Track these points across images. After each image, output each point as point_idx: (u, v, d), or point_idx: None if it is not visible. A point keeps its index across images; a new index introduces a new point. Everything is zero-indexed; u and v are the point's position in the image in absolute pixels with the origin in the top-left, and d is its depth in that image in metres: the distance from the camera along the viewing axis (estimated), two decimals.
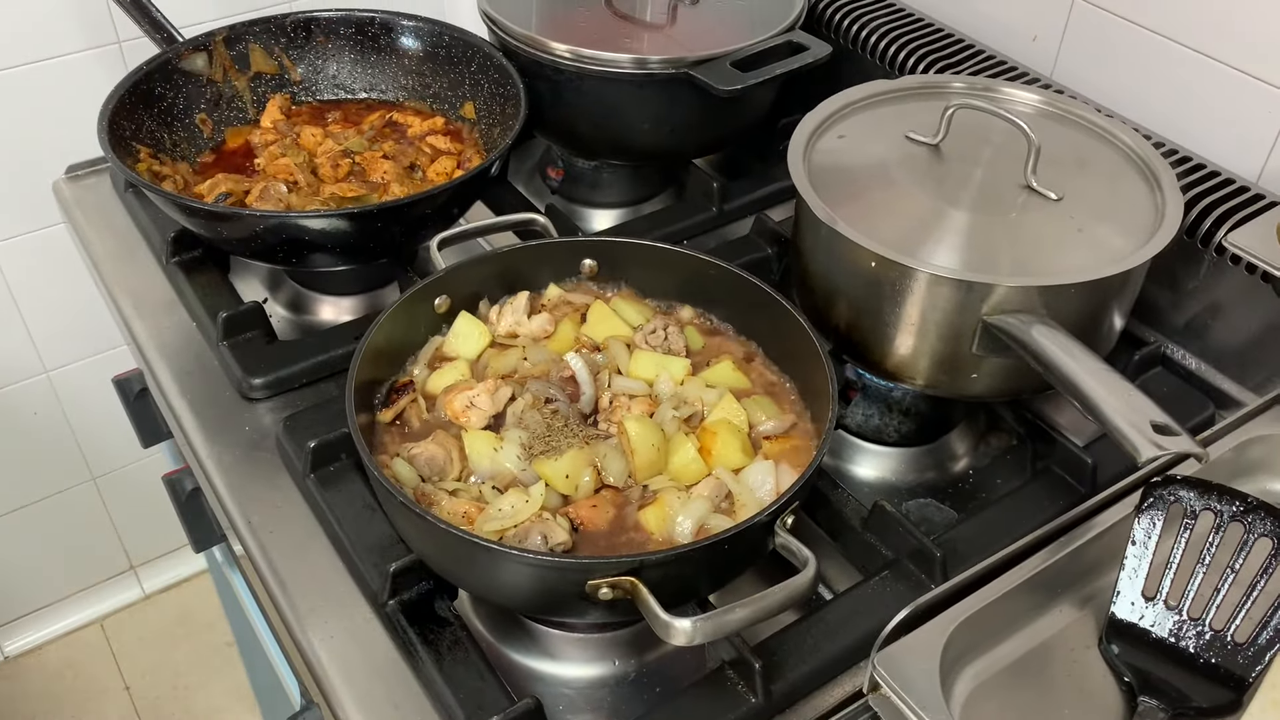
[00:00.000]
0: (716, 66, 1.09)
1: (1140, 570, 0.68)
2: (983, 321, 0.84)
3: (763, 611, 0.68)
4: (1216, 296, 1.00)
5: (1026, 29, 1.18)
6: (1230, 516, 0.68)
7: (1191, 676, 0.66)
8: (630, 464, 0.81)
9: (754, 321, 0.93)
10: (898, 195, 0.92)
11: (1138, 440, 0.65)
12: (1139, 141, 0.96)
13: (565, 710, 0.83)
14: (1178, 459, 0.70)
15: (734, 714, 0.75)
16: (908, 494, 1.00)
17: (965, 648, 0.66)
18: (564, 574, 0.70)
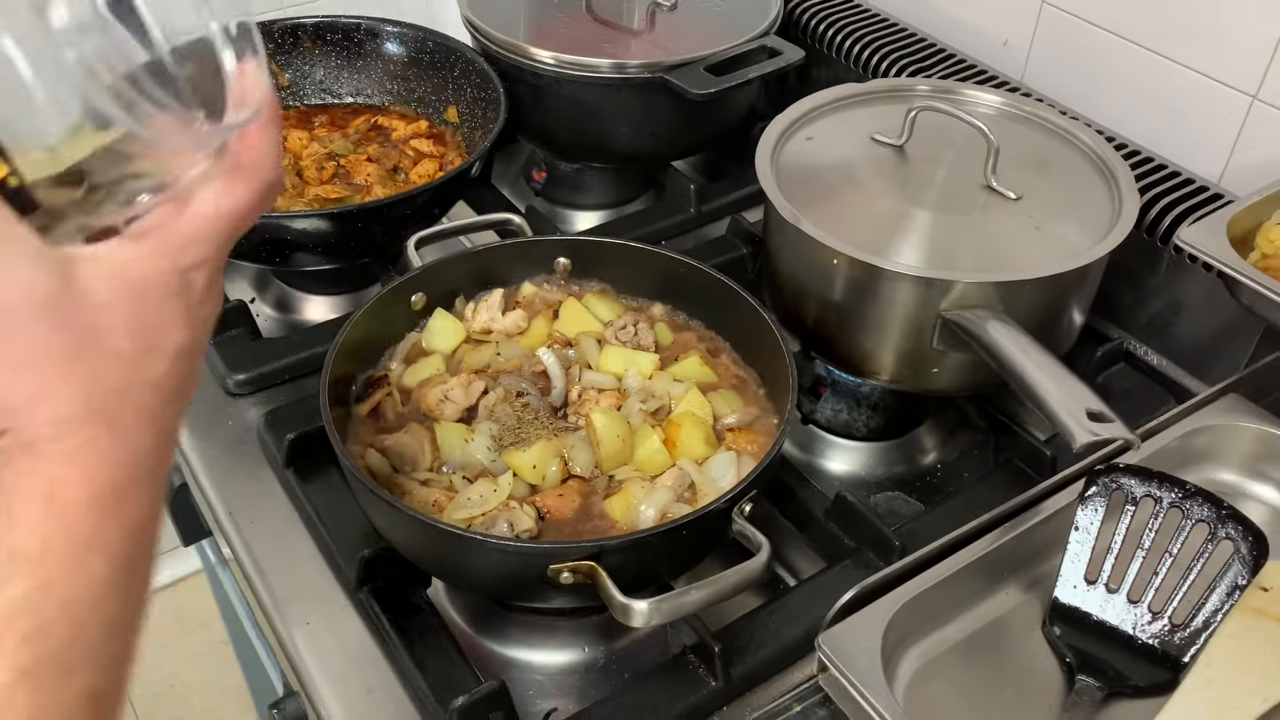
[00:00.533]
0: (691, 71, 1.12)
1: (1082, 555, 0.70)
2: (941, 317, 0.86)
3: (717, 594, 0.71)
4: (1176, 294, 1.03)
5: (998, 33, 1.21)
6: (1170, 503, 0.70)
7: (1130, 657, 0.68)
8: (596, 455, 0.83)
9: (722, 317, 0.96)
10: (862, 195, 0.95)
11: (1073, 427, 0.67)
12: (1098, 142, 0.98)
13: (535, 695, 0.85)
14: (1120, 449, 0.72)
15: (694, 697, 0.78)
16: (876, 487, 1.02)
17: (911, 628, 0.68)
18: (526, 559, 0.73)
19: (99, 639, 0.44)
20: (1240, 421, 0.79)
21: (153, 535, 0.48)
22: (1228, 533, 0.68)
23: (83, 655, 0.43)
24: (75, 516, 0.44)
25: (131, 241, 0.46)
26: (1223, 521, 0.69)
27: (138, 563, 0.46)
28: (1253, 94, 1.00)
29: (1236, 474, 0.80)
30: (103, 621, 0.44)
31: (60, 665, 0.42)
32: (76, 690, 0.43)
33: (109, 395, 0.44)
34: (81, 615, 0.43)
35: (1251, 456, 0.79)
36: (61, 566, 0.43)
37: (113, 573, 0.44)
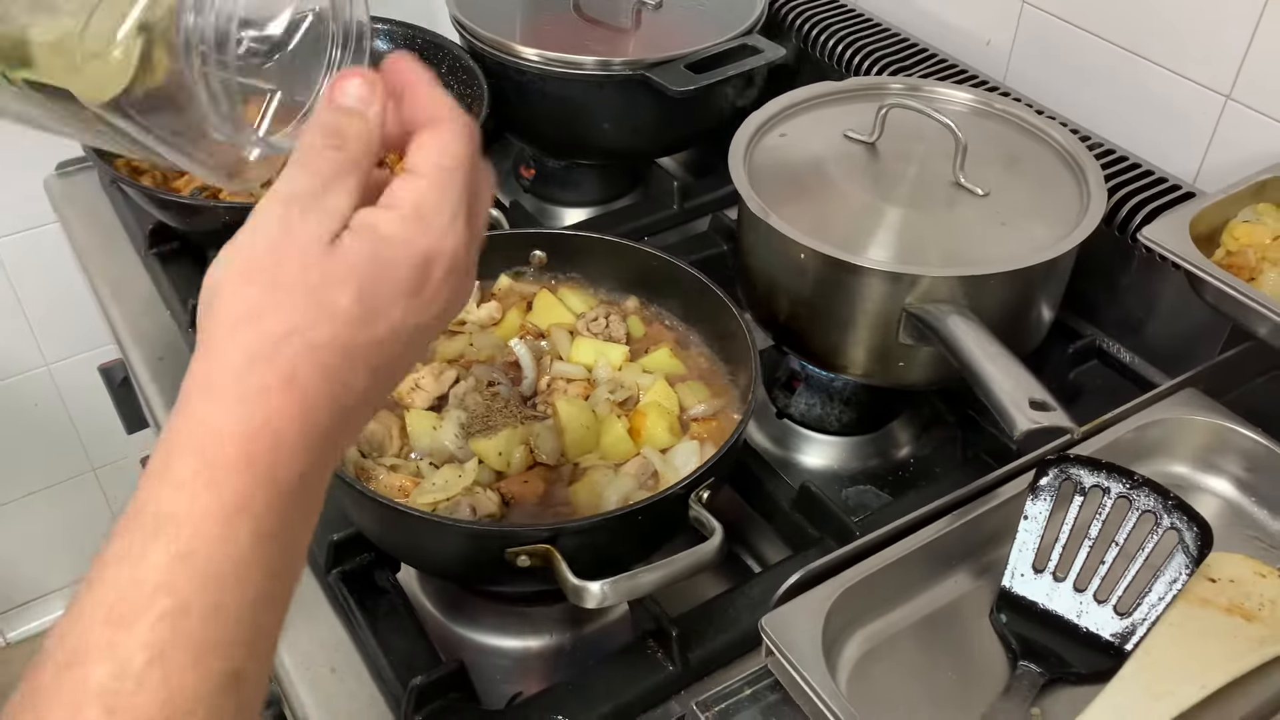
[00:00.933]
0: (672, 68, 1.14)
1: (1030, 543, 0.71)
2: (905, 311, 0.87)
3: (669, 575, 0.72)
4: (1149, 292, 1.03)
5: (981, 34, 1.22)
6: (1117, 493, 0.71)
7: (1073, 644, 0.69)
8: (561, 442, 0.85)
9: (694, 311, 0.97)
10: (833, 192, 0.96)
11: (1014, 414, 0.68)
12: (1070, 139, 0.99)
13: (501, 680, 0.86)
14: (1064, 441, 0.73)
15: (651, 680, 0.79)
16: (849, 480, 1.03)
17: (857, 612, 0.69)
18: (483, 541, 0.74)
19: (239, 617, 0.41)
20: (1194, 415, 0.80)
21: (305, 511, 0.44)
22: (1173, 522, 0.69)
23: (221, 634, 0.40)
24: (225, 476, 0.41)
25: (386, 210, 0.46)
26: (1169, 511, 0.69)
27: (286, 538, 0.43)
28: (1226, 94, 1.00)
29: (1189, 466, 0.81)
30: (244, 598, 0.41)
31: (197, 644, 0.40)
32: (215, 671, 0.40)
33: (305, 348, 0.43)
34: (222, 590, 0.41)
35: (1204, 449, 0.80)
36: (206, 534, 0.40)
37: (258, 546, 0.41)
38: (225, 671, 0.40)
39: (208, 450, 0.41)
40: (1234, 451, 0.79)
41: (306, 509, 0.44)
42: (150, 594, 0.39)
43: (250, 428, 0.42)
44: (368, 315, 0.44)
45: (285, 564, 0.43)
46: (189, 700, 0.39)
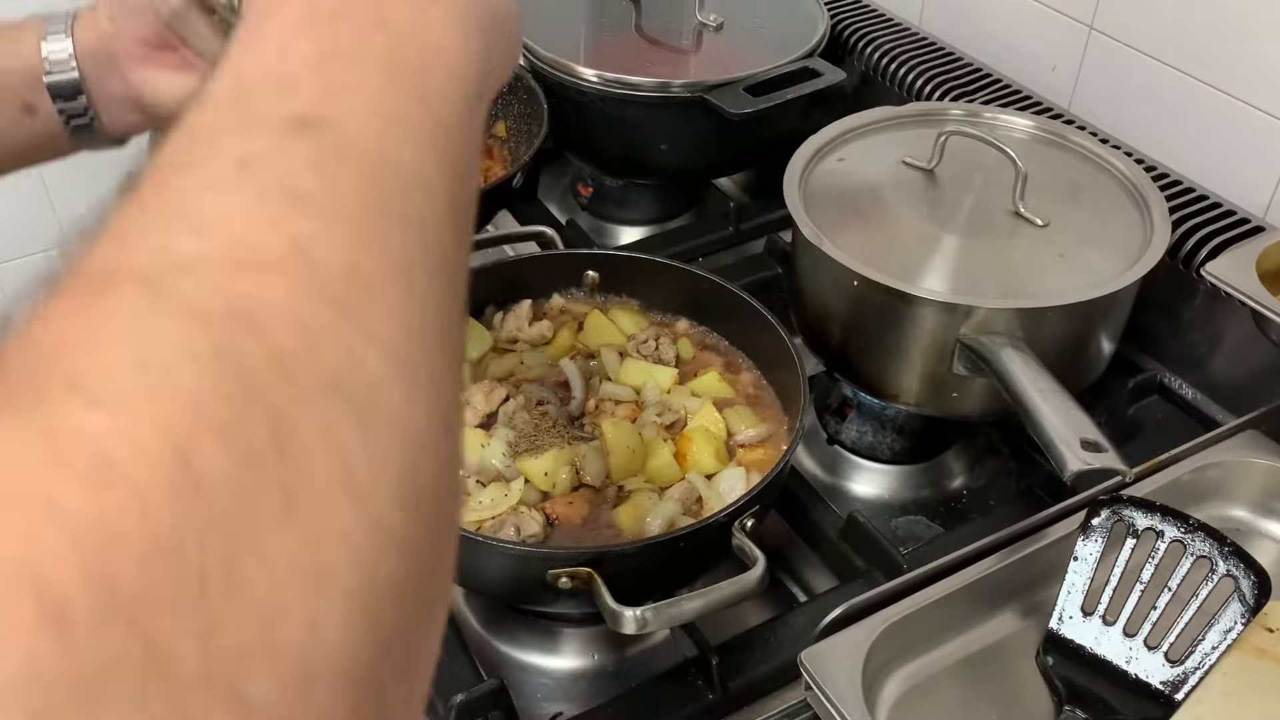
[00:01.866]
0: (730, 91, 1.14)
1: (1080, 585, 0.70)
2: (960, 341, 0.86)
3: (710, 605, 0.71)
4: (1213, 328, 1.01)
5: (1046, 60, 1.20)
6: (1171, 537, 0.69)
7: (1121, 690, 0.67)
8: (607, 464, 0.85)
9: (745, 335, 0.97)
10: (889, 218, 0.95)
11: (1065, 454, 0.67)
12: (1133, 169, 0.97)
13: (544, 698, 0.87)
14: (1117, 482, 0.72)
15: (690, 708, 0.79)
16: (900, 510, 1.02)
17: (900, 649, 0.68)
18: (526, 562, 0.75)
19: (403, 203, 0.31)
20: (1255, 458, 0.78)
21: (427, 50, 0.36)
22: (1229, 569, 0.67)
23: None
24: (292, 36, 0.34)
25: None
26: (1225, 557, 0.68)
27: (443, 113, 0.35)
28: None
29: (1249, 511, 0.79)
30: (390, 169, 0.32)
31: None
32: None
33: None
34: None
35: (1265, 493, 0.78)
36: (302, 92, 0.32)
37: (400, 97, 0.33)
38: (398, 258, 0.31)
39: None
40: None
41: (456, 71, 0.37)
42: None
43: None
44: None
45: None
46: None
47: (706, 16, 1.25)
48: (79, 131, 0.72)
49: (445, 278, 0.32)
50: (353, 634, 0.25)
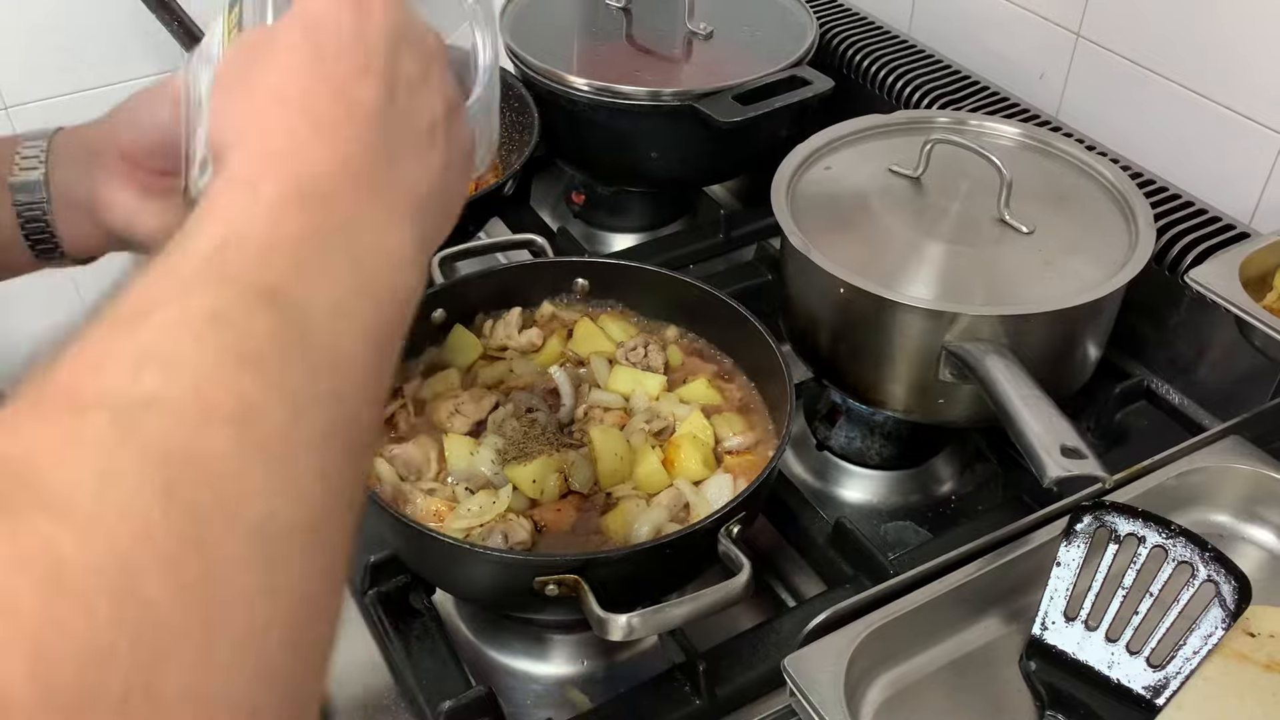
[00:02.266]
0: (719, 99, 1.14)
1: (1063, 591, 0.70)
2: (945, 348, 0.87)
3: (695, 611, 0.72)
4: (1200, 333, 1.01)
5: (1034, 67, 1.21)
6: (1153, 543, 0.70)
7: (1103, 695, 0.67)
8: (595, 471, 0.85)
9: (734, 342, 0.97)
10: (876, 226, 0.96)
11: (1045, 460, 0.68)
12: (1119, 176, 0.98)
13: (532, 705, 0.87)
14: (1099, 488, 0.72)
15: (677, 713, 0.79)
16: (889, 516, 1.02)
17: (883, 655, 0.69)
18: (513, 569, 0.75)
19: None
20: (1238, 463, 0.78)
21: (380, 252, 0.41)
22: (1210, 574, 0.68)
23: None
24: (282, 210, 0.39)
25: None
26: (1206, 563, 0.68)
27: (371, 288, 0.40)
28: None
29: (1231, 516, 0.79)
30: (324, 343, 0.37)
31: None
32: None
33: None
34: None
35: (1247, 499, 0.78)
36: (277, 265, 0.37)
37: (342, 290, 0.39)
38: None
39: (259, 187, 0.41)
40: (1278, 501, 0.77)
41: (380, 249, 0.42)
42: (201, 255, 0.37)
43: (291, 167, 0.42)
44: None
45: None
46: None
47: (696, 25, 1.26)
48: (37, 245, 0.73)
49: (358, 443, 0.38)
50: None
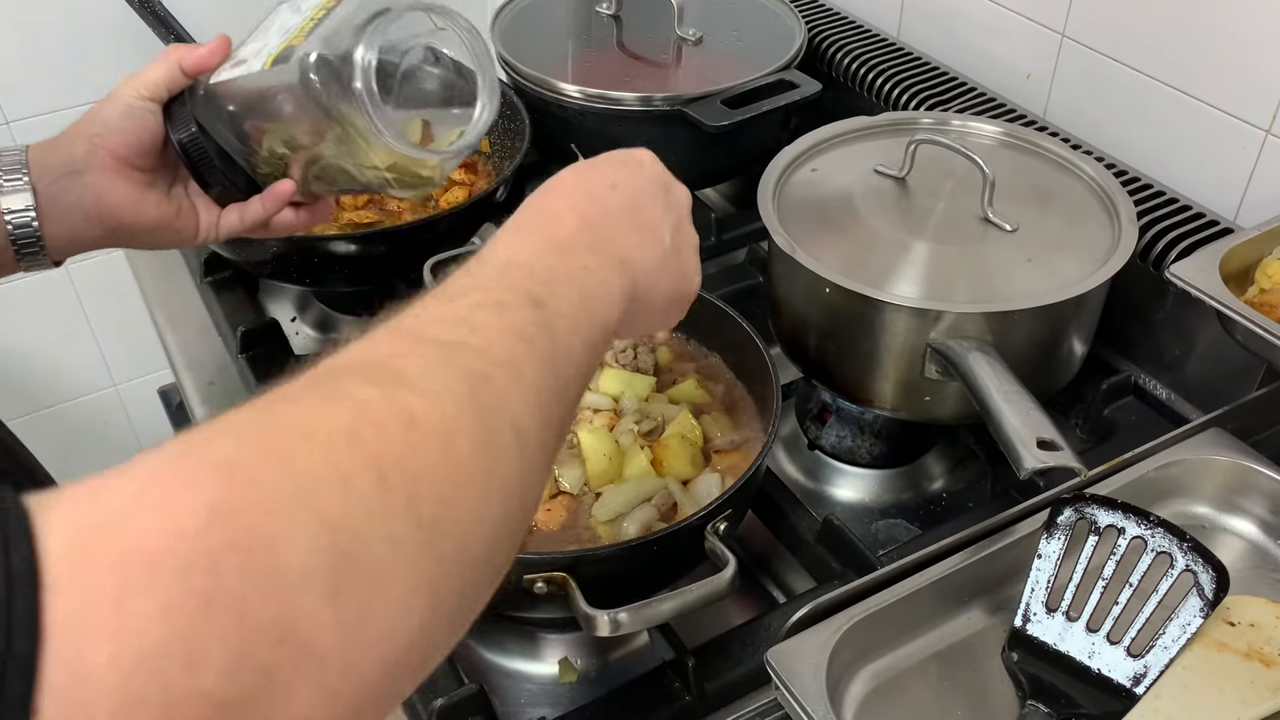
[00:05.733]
0: (708, 104, 1.15)
1: (1044, 582, 0.71)
2: (930, 346, 0.88)
3: (681, 606, 0.73)
4: (1184, 329, 1.02)
5: (1020, 68, 1.22)
6: (1133, 534, 0.70)
7: (1084, 685, 0.68)
8: (584, 472, 0.86)
9: (722, 342, 0.98)
10: (862, 227, 0.97)
11: (1021, 452, 0.69)
12: (1102, 173, 0.99)
13: (525, 704, 0.88)
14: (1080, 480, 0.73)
15: (667, 709, 0.80)
16: (880, 514, 1.03)
17: (866, 647, 0.70)
18: None
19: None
20: (1218, 455, 0.79)
21: (599, 287, 0.55)
22: (1188, 564, 0.68)
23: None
24: (544, 250, 0.55)
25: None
26: (1184, 553, 0.69)
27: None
28: (1266, 129, 0.99)
29: (1212, 507, 0.80)
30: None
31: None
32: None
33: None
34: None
35: (1227, 490, 0.79)
36: (540, 282, 0.51)
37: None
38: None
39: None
40: (1258, 493, 0.78)
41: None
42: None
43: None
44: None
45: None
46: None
47: (686, 31, 1.28)
48: (23, 250, 0.77)
49: (570, 402, 0.51)
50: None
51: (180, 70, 0.78)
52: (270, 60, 0.73)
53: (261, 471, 0.34)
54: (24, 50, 1.55)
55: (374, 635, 0.35)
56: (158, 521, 0.31)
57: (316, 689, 0.33)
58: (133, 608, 0.29)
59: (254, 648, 0.31)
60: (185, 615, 0.30)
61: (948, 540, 0.73)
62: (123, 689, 0.28)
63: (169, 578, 0.30)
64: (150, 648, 0.29)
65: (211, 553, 0.31)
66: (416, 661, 0.38)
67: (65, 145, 0.77)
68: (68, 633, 0.28)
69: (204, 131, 0.77)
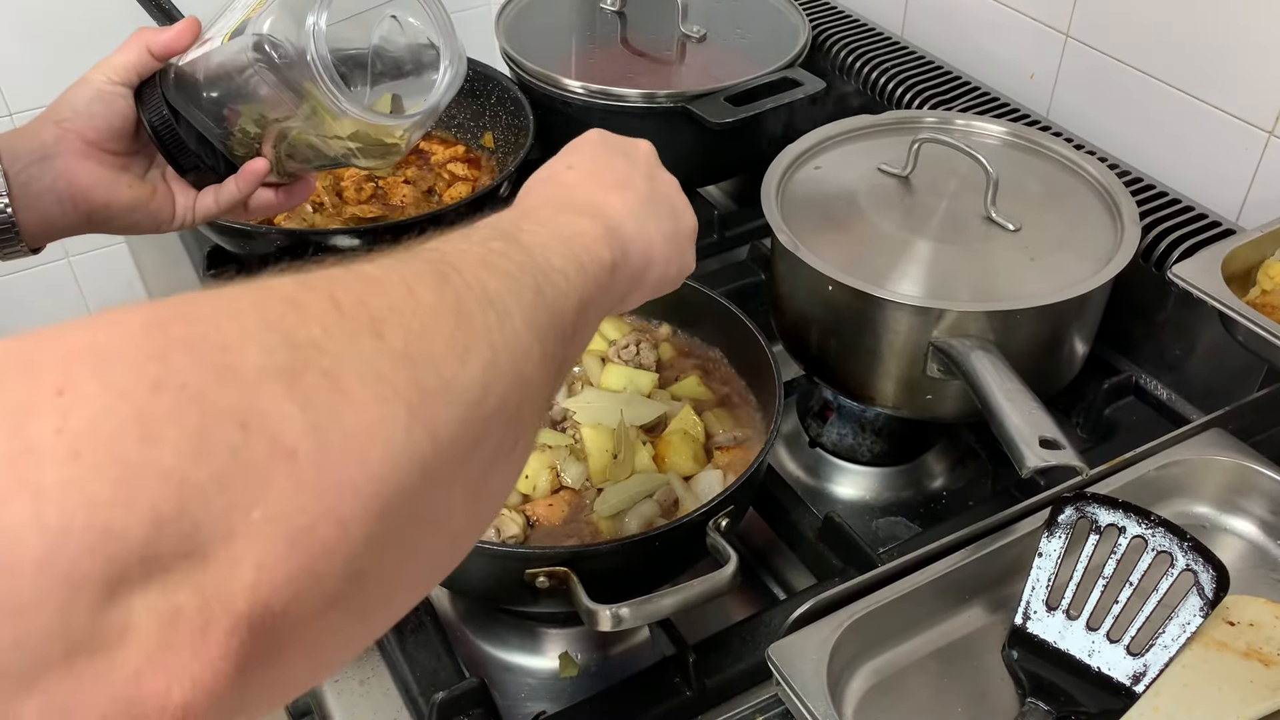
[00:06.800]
0: (712, 101, 1.16)
1: (1044, 581, 0.71)
2: (931, 344, 0.88)
3: (682, 602, 0.73)
4: (1185, 329, 1.02)
5: (1024, 68, 1.22)
6: (1133, 533, 0.71)
7: (1084, 683, 0.68)
8: (586, 467, 0.86)
9: (724, 339, 0.99)
10: (865, 225, 0.97)
11: (1024, 451, 0.69)
12: (1105, 173, 0.99)
13: (526, 698, 0.88)
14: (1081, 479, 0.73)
15: (668, 704, 0.80)
16: (881, 512, 1.04)
17: (867, 644, 0.70)
18: (504, 562, 0.76)
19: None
20: (1219, 455, 0.79)
21: (577, 232, 0.54)
22: (1188, 563, 0.69)
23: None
24: (528, 209, 0.56)
25: None
26: (1185, 552, 0.69)
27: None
28: (1269, 130, 1.00)
29: (1212, 507, 0.80)
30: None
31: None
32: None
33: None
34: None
35: (1227, 490, 0.79)
36: (526, 230, 0.50)
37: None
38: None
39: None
40: (1258, 493, 0.78)
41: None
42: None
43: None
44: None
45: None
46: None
47: (690, 28, 1.28)
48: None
49: (566, 328, 0.48)
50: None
51: (149, 53, 0.78)
52: (228, 35, 0.74)
53: (207, 301, 0.33)
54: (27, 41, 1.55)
55: (347, 433, 0.32)
56: (97, 328, 0.30)
57: (292, 479, 0.31)
58: (77, 388, 0.28)
59: (214, 429, 0.30)
60: (136, 395, 0.29)
61: (948, 538, 0.73)
62: (74, 460, 0.27)
63: (114, 365, 0.29)
64: (100, 417, 0.28)
65: (161, 347, 0.30)
66: (411, 492, 0.35)
67: (35, 132, 0.77)
68: (10, 415, 0.27)
69: (176, 114, 0.77)
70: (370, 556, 0.33)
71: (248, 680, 0.30)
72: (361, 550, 0.33)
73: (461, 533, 0.41)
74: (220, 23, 0.78)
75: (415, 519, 0.36)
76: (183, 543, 0.28)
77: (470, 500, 0.40)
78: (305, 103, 0.74)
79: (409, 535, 0.36)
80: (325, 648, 0.35)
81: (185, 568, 0.28)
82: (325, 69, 0.71)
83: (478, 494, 0.40)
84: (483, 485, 0.41)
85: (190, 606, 0.28)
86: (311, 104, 0.74)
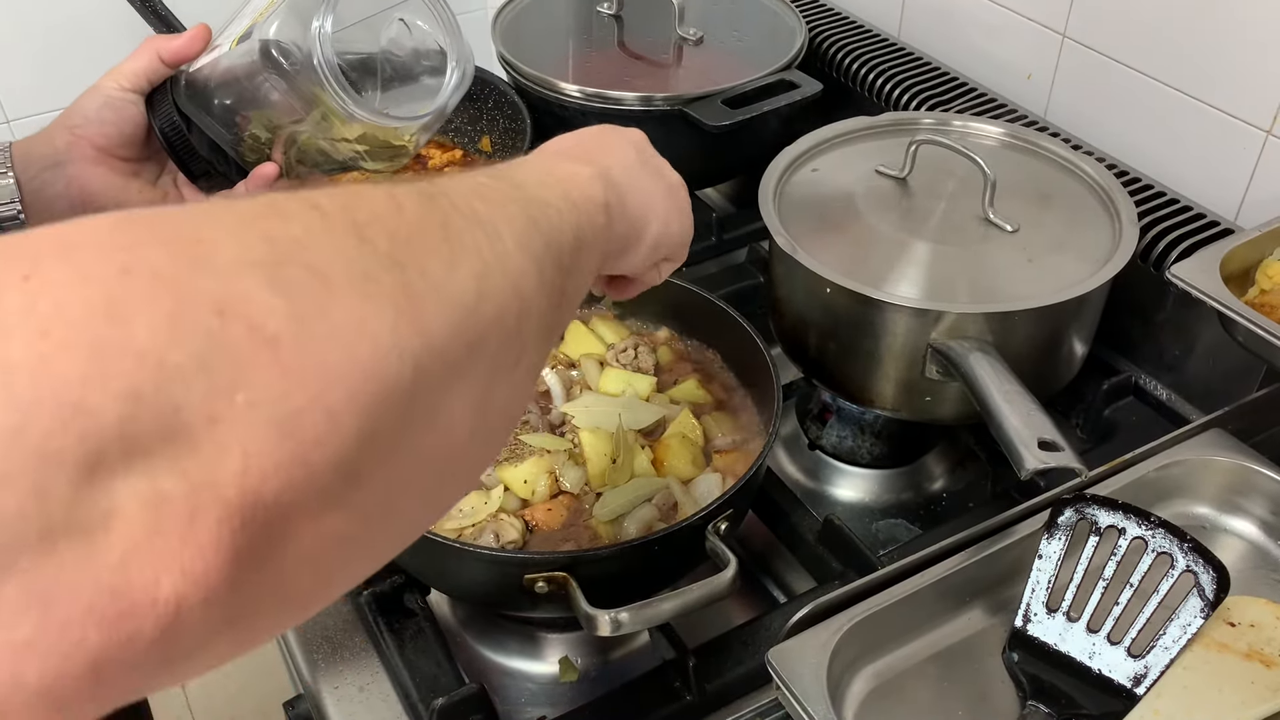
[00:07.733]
0: (709, 104, 1.16)
1: (1044, 583, 0.71)
2: (930, 346, 0.88)
3: (682, 606, 0.73)
4: (1184, 329, 1.02)
5: (1021, 67, 1.22)
6: (1133, 534, 0.70)
7: (1084, 685, 0.68)
8: (585, 472, 0.86)
9: (722, 342, 0.98)
10: (863, 227, 0.97)
11: (1023, 453, 0.69)
12: (1103, 174, 0.99)
13: (526, 703, 0.88)
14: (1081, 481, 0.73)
15: (667, 709, 0.80)
16: (880, 514, 1.03)
17: (867, 647, 0.70)
18: (503, 567, 0.76)
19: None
20: (1218, 455, 0.79)
21: (570, 176, 0.54)
22: (1189, 565, 0.68)
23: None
24: (540, 160, 0.57)
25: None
26: (1185, 553, 0.69)
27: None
28: (1267, 129, 0.99)
29: (1212, 508, 0.80)
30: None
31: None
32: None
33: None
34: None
35: (1228, 490, 0.79)
36: (529, 170, 0.51)
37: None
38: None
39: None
40: (1258, 493, 0.78)
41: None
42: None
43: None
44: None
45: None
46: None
47: (687, 31, 1.28)
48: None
49: (560, 256, 0.46)
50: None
51: (160, 60, 0.78)
52: (236, 41, 0.74)
53: (182, 209, 0.33)
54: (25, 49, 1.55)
55: (333, 325, 0.32)
56: (67, 225, 0.30)
57: (276, 365, 0.30)
58: (44, 274, 0.27)
59: (188, 312, 0.29)
60: (104, 279, 0.28)
61: (948, 540, 0.73)
62: (42, 338, 0.26)
63: (82, 252, 0.29)
64: (68, 299, 0.27)
65: (131, 239, 0.30)
66: (403, 390, 0.33)
67: (48, 139, 0.78)
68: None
69: (187, 120, 0.78)
70: (365, 455, 0.32)
71: (244, 579, 0.29)
72: (354, 445, 0.32)
73: (466, 448, 0.40)
74: (229, 29, 0.78)
75: (411, 420, 0.35)
76: (163, 424, 0.27)
77: (474, 412, 0.39)
78: (315, 107, 0.74)
79: (407, 438, 0.35)
80: (328, 559, 0.33)
81: (170, 453, 0.27)
82: (331, 72, 0.72)
83: (481, 408, 0.39)
84: (486, 400, 0.39)
85: (177, 492, 0.27)
86: (321, 108, 0.74)
